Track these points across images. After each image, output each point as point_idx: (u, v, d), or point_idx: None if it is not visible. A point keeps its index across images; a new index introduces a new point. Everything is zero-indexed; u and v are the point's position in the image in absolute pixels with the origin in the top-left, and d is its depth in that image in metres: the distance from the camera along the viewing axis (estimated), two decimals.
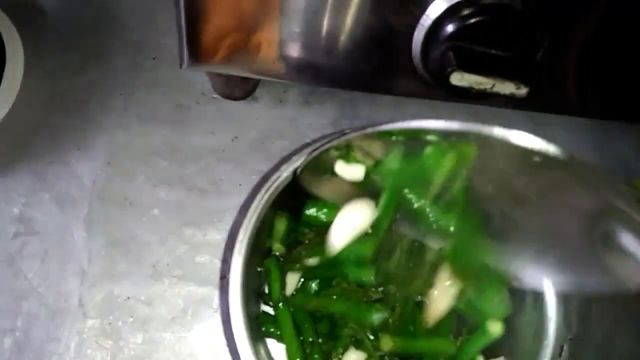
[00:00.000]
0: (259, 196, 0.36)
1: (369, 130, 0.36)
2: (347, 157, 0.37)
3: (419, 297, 0.39)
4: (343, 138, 0.36)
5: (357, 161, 0.37)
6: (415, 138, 0.37)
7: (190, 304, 0.48)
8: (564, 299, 0.46)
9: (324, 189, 0.39)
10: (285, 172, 0.36)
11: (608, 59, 0.43)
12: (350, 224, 0.38)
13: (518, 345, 0.36)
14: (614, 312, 0.51)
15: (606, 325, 0.51)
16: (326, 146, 0.36)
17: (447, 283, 0.38)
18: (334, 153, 0.37)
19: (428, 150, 0.37)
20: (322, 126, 0.56)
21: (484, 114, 0.59)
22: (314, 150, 0.36)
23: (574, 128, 0.59)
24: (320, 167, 0.37)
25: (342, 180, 0.38)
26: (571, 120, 0.58)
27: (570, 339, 0.49)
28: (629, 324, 0.51)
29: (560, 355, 0.49)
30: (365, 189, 0.39)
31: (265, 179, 0.49)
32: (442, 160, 0.36)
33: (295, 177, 0.37)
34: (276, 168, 0.38)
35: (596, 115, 0.52)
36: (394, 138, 0.36)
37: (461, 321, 0.41)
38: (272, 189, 0.35)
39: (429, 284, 0.38)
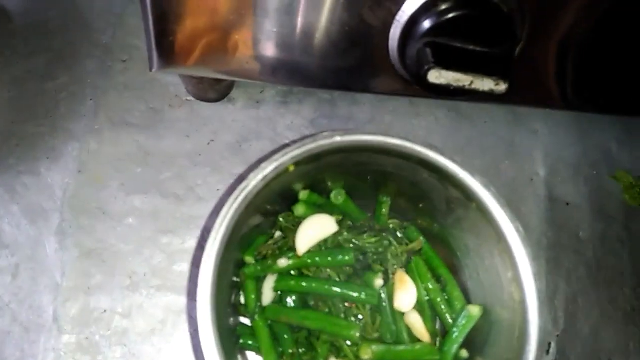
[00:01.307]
0: (228, 203, 0.34)
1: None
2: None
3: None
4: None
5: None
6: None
7: (169, 315, 0.47)
8: (550, 296, 0.46)
9: None
10: (254, 181, 0.34)
11: (587, 52, 0.42)
12: (313, 231, 0.40)
13: (500, 350, 0.35)
14: (600, 306, 0.51)
15: (593, 320, 0.50)
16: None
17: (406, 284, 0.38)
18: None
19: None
20: (300, 126, 0.55)
21: (465, 108, 0.58)
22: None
23: (556, 120, 0.58)
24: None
25: None
26: (553, 112, 0.58)
27: (558, 335, 0.49)
28: (615, 317, 0.51)
29: (547, 352, 0.49)
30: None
31: (238, 181, 0.48)
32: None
33: None
34: (248, 171, 0.36)
35: (577, 108, 0.51)
36: None
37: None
38: (241, 196, 0.34)
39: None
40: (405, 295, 0.38)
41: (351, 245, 0.39)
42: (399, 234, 0.42)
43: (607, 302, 0.51)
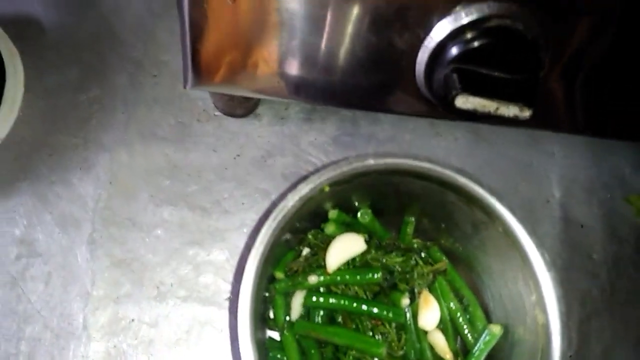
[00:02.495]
0: (268, 222, 0.36)
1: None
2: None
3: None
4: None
5: None
6: None
7: (194, 325, 0.48)
8: (564, 317, 0.48)
9: None
10: (292, 201, 0.36)
11: (605, 79, 0.44)
12: (342, 249, 0.41)
13: None
14: (612, 327, 0.53)
15: (605, 341, 0.52)
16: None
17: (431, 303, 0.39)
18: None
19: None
20: (323, 143, 0.57)
21: (483, 129, 0.60)
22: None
23: (572, 143, 0.60)
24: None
25: None
26: (569, 135, 0.60)
27: (571, 356, 0.50)
28: (628, 338, 0.53)
29: None
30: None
31: (274, 205, 0.50)
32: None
33: None
34: (284, 195, 0.38)
35: (591, 134, 0.53)
36: None
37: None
38: (280, 216, 0.35)
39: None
40: (430, 314, 0.40)
41: (379, 264, 0.40)
42: (422, 254, 0.43)
43: (620, 324, 0.53)
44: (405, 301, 0.39)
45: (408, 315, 0.40)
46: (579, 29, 0.39)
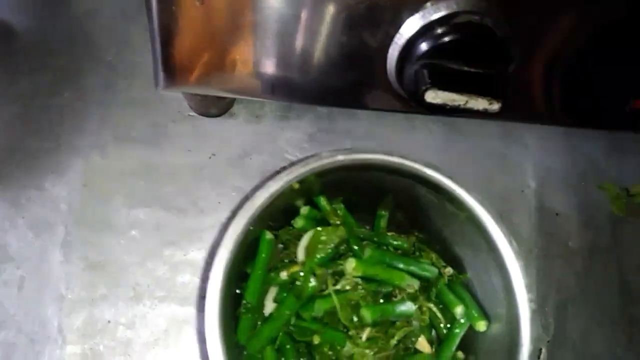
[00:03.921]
0: (235, 220, 0.36)
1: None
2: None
3: None
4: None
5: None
6: None
7: (172, 326, 0.48)
8: (540, 303, 0.48)
9: None
10: (261, 198, 0.36)
11: (574, 70, 0.44)
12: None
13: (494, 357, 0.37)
14: (588, 312, 0.53)
15: (582, 325, 0.52)
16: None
17: None
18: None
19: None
20: (299, 141, 0.57)
21: (459, 122, 0.60)
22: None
23: (545, 133, 0.60)
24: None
25: None
26: (543, 125, 0.60)
27: (548, 341, 0.50)
28: (604, 322, 0.53)
29: (539, 357, 0.50)
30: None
31: (245, 199, 0.50)
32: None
33: None
34: (255, 189, 0.38)
35: (565, 123, 0.53)
36: None
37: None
38: (248, 214, 0.35)
39: None
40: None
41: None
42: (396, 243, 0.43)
43: (596, 309, 0.53)
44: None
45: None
46: (550, 20, 0.39)
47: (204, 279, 0.49)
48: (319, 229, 0.40)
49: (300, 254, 0.40)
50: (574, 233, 0.56)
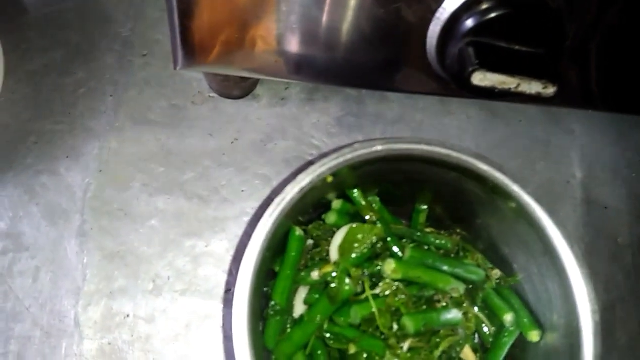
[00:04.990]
0: (268, 213, 0.33)
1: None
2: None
3: None
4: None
5: None
6: None
7: (194, 320, 0.45)
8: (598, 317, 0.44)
9: None
10: (291, 193, 0.33)
11: (623, 50, 0.40)
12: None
13: None
14: (638, 314, 0.50)
15: (631, 329, 0.49)
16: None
17: None
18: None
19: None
20: (326, 125, 0.53)
21: (498, 107, 0.56)
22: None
23: (593, 120, 0.56)
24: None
25: None
26: (590, 112, 0.56)
27: None
28: None
29: None
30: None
31: (274, 192, 0.47)
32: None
33: None
34: (285, 183, 0.35)
35: (611, 109, 0.49)
36: None
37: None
38: (278, 209, 0.32)
39: None
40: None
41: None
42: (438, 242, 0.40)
43: None
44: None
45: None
46: None
47: (228, 272, 0.46)
48: (354, 225, 0.37)
49: (334, 253, 0.37)
50: (623, 228, 0.52)
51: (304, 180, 0.33)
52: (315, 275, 0.36)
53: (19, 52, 0.52)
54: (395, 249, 0.37)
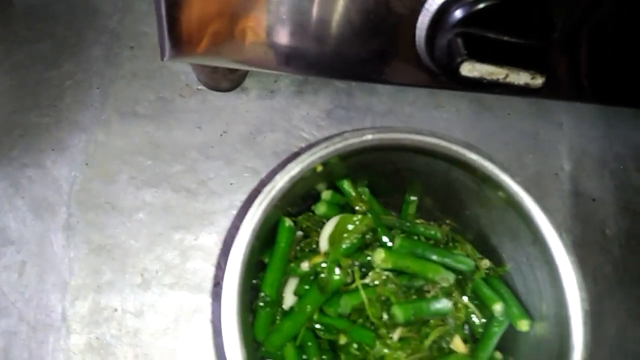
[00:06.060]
0: (256, 203, 0.32)
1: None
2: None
3: None
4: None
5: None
6: None
7: (182, 314, 0.45)
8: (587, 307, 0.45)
9: None
10: (280, 182, 0.32)
11: (621, 43, 0.40)
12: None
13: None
14: (626, 305, 0.50)
15: (619, 319, 0.49)
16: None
17: None
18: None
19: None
20: (316, 118, 0.53)
21: (487, 99, 0.56)
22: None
23: (581, 113, 0.56)
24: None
25: None
26: (578, 104, 0.56)
27: None
28: None
29: None
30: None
31: (263, 182, 0.47)
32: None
33: None
34: (273, 172, 0.34)
35: (600, 101, 0.49)
36: None
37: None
38: (267, 198, 0.32)
39: None
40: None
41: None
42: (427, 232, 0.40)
43: (634, 302, 0.50)
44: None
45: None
46: None
47: (217, 265, 0.46)
48: (344, 216, 0.36)
49: (323, 244, 0.37)
50: (611, 220, 0.52)
51: (294, 169, 0.33)
52: (305, 266, 0.36)
53: (4, 44, 0.51)
54: (385, 238, 0.37)
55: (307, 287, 0.36)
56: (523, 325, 0.36)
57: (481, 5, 0.33)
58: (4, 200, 0.46)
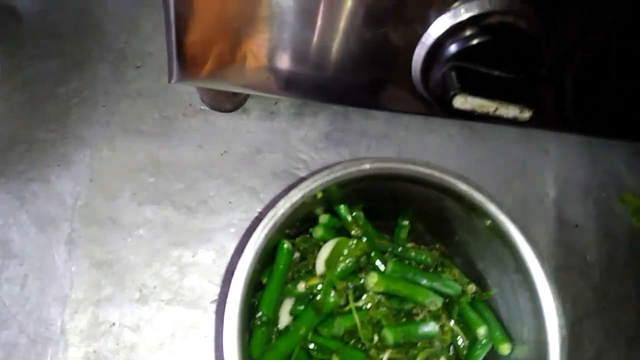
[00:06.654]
0: (260, 227, 0.34)
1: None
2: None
3: None
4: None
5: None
6: None
7: (179, 329, 0.46)
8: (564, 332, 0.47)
9: None
10: (283, 208, 0.34)
11: (597, 76, 0.43)
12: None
13: None
14: (605, 329, 0.52)
15: (597, 343, 0.51)
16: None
17: None
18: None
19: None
20: (314, 140, 0.55)
21: (478, 126, 0.58)
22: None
23: (567, 142, 0.59)
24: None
25: None
26: (565, 134, 0.58)
27: None
28: (620, 340, 0.52)
29: None
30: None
31: (266, 209, 0.48)
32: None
33: None
34: (278, 198, 0.36)
35: (585, 132, 0.52)
36: None
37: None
38: (270, 223, 0.34)
39: None
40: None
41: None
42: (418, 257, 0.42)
43: (612, 325, 0.52)
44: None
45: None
46: (572, 23, 0.37)
47: (215, 283, 0.47)
48: (341, 240, 0.38)
49: (320, 266, 0.38)
50: (592, 246, 0.55)
51: (296, 196, 0.35)
52: (301, 287, 0.38)
53: (13, 61, 0.52)
54: (378, 262, 0.39)
55: (302, 307, 0.38)
56: (505, 348, 0.38)
57: (475, 41, 0.35)
58: (8, 213, 0.47)
